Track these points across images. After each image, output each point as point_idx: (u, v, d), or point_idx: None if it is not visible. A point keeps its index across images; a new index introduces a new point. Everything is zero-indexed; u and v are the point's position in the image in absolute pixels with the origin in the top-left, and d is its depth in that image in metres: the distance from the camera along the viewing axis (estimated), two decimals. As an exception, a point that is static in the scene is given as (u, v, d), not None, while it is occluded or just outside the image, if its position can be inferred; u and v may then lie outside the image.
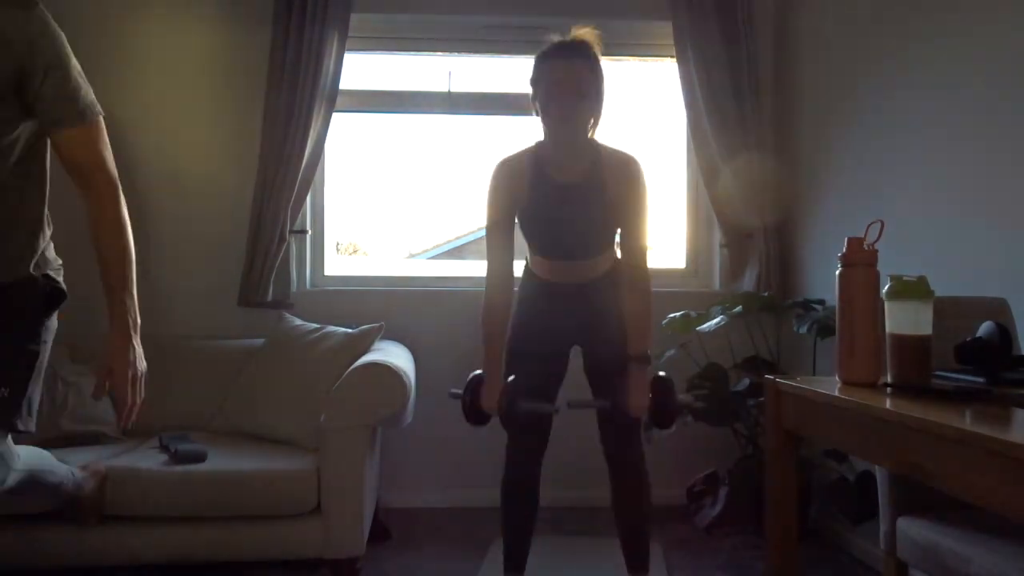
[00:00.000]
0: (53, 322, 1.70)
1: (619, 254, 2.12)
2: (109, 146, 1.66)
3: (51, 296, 1.67)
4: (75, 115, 1.57)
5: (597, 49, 1.98)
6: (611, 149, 2.03)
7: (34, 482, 1.91)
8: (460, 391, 2.08)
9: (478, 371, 2.08)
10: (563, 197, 2.00)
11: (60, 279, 1.73)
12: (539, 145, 2.04)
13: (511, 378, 2.01)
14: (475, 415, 2.06)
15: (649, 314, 2.03)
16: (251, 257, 3.07)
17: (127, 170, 3.16)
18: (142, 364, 1.67)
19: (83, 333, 2.55)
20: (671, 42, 3.17)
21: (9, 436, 1.68)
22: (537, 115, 1.98)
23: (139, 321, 1.66)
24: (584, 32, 1.98)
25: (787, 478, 1.65)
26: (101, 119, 1.63)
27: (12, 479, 1.74)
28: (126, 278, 1.64)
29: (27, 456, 1.86)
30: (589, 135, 2.00)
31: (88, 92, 1.60)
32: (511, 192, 2.03)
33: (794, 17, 3.19)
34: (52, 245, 1.74)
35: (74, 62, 1.58)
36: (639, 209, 2.01)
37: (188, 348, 2.94)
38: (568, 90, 1.91)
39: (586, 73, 1.93)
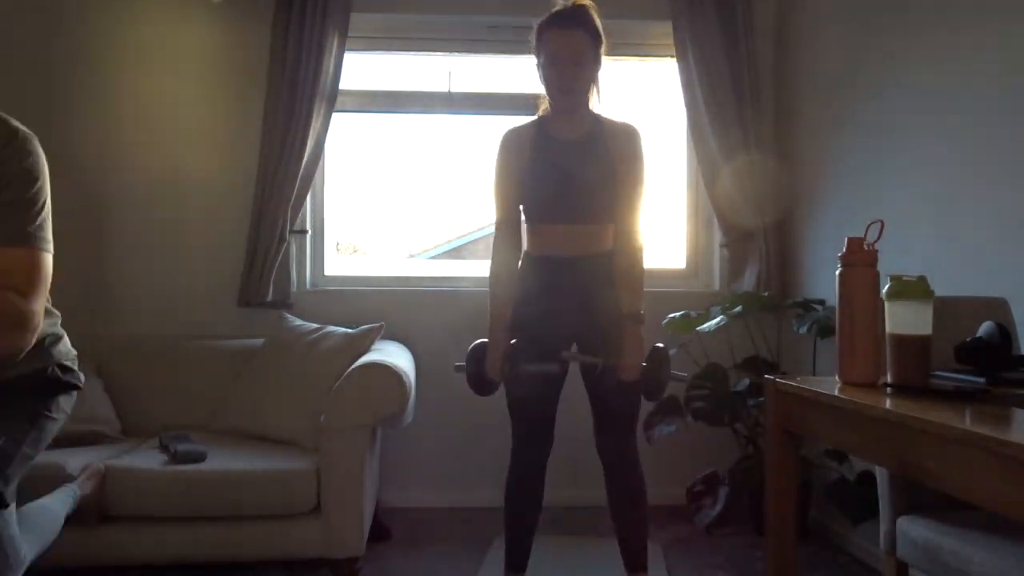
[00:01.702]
0: (67, 401, 1.67)
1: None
2: (46, 290, 1.51)
3: (63, 383, 1.65)
4: (15, 234, 1.44)
5: (596, 16, 2.03)
6: (612, 119, 2.11)
7: (48, 542, 1.90)
8: (463, 363, 2.07)
9: (480, 340, 2.09)
10: (564, 152, 2.06)
11: (74, 369, 1.70)
12: (543, 115, 2.14)
13: (513, 341, 2.01)
14: (481, 385, 2.06)
15: (640, 275, 2.06)
16: (251, 257, 3.07)
17: (127, 170, 3.20)
18: None
19: (82, 333, 2.54)
20: (671, 42, 3.18)
21: (14, 539, 1.59)
22: (542, 83, 2.06)
23: None
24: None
25: (787, 478, 1.65)
26: (47, 256, 1.49)
27: (27, 562, 1.69)
28: None
29: (32, 538, 1.78)
30: (590, 104, 2.08)
31: (44, 226, 1.49)
32: (516, 170, 2.08)
33: (794, 17, 3.19)
34: (65, 338, 1.71)
35: (45, 194, 1.49)
36: (636, 175, 2.06)
37: (188, 348, 2.94)
38: (567, 59, 1.98)
39: (583, 43, 1.99)
